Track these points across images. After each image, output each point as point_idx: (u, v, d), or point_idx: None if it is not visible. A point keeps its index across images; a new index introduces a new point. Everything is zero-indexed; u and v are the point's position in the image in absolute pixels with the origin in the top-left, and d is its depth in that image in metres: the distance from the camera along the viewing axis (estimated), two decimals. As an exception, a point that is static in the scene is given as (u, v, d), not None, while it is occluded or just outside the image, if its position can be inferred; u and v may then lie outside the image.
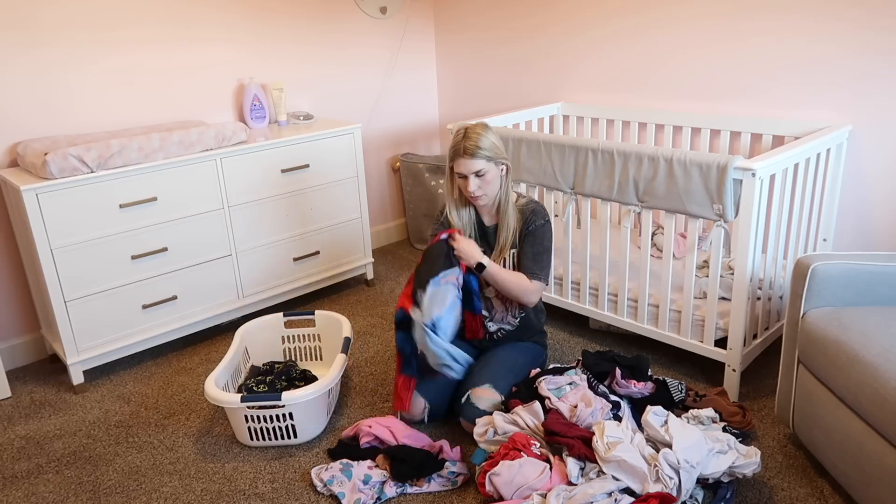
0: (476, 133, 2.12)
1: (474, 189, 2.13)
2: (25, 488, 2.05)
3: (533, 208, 2.22)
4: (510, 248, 2.24)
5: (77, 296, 2.46)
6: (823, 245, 2.59)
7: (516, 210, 2.23)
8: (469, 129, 2.14)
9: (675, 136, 2.92)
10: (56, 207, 2.35)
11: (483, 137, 2.12)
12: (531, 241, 2.20)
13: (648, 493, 1.69)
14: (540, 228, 2.20)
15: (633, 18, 2.95)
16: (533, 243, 2.20)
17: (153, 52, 2.86)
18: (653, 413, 1.91)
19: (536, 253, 2.20)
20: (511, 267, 2.24)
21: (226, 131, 2.70)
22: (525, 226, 2.21)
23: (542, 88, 3.41)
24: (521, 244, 2.22)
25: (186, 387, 2.55)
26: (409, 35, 3.76)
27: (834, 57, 2.42)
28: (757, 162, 2.04)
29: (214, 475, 2.07)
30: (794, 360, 1.94)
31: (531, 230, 2.20)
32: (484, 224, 2.29)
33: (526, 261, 2.20)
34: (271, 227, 2.93)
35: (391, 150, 3.86)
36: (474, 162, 2.10)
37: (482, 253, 2.17)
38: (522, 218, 2.22)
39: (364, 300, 3.22)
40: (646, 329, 2.49)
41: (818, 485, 1.90)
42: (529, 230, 2.20)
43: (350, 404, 2.39)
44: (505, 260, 2.24)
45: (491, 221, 2.28)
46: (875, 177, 2.45)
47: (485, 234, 2.29)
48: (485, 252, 2.22)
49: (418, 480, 1.96)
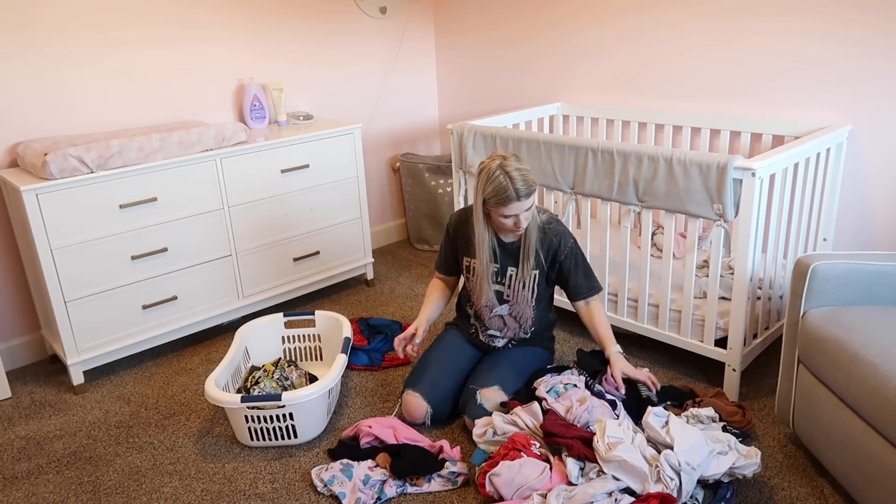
0: (521, 171, 2.01)
1: (525, 223, 2.09)
2: (26, 488, 2.05)
3: (558, 230, 2.20)
4: (532, 270, 2.20)
5: (77, 296, 2.46)
6: (823, 245, 2.59)
7: (541, 231, 2.19)
8: (508, 168, 2.00)
9: (675, 136, 2.92)
10: (56, 208, 2.35)
11: (528, 171, 2.02)
12: (573, 262, 2.21)
13: (649, 493, 1.69)
14: (573, 248, 2.21)
15: (634, 18, 2.95)
16: (577, 264, 2.21)
17: (153, 52, 2.86)
18: (653, 414, 1.91)
19: (584, 270, 2.23)
20: (532, 287, 2.23)
21: (226, 131, 2.70)
22: (557, 251, 2.19)
23: (542, 88, 3.41)
24: (560, 268, 2.21)
25: (186, 387, 2.55)
26: (409, 35, 3.76)
27: (834, 57, 2.42)
28: (757, 162, 2.04)
29: (215, 475, 2.07)
30: (794, 360, 1.94)
31: (568, 254, 2.20)
32: (502, 241, 2.22)
33: (580, 281, 2.22)
34: (271, 227, 2.93)
35: (391, 150, 3.86)
36: (530, 201, 2.05)
37: (612, 349, 2.18)
38: (550, 241, 2.19)
39: (364, 300, 3.22)
40: (646, 329, 2.49)
41: (818, 484, 1.90)
42: (566, 254, 2.20)
43: (350, 404, 2.39)
44: (526, 280, 2.22)
45: (511, 238, 2.23)
46: (875, 176, 2.45)
47: (503, 249, 2.23)
48: (507, 265, 2.21)
49: (418, 480, 1.96)
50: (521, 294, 2.24)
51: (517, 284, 2.23)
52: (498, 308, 2.28)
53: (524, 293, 2.24)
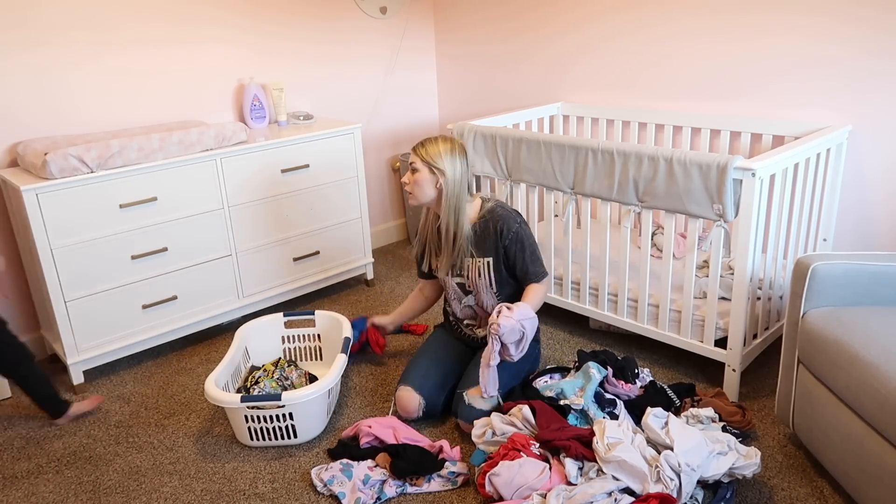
0: (434, 141, 2.21)
1: (405, 179, 2.25)
2: (25, 488, 2.05)
3: (500, 214, 2.23)
4: (483, 258, 2.25)
5: (77, 296, 2.46)
6: (823, 245, 2.59)
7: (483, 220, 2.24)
8: (436, 137, 2.24)
9: (675, 136, 2.92)
10: (56, 207, 2.35)
11: (434, 145, 2.20)
12: (519, 247, 2.22)
13: (649, 494, 1.69)
14: (518, 233, 2.22)
15: (634, 19, 2.95)
16: (522, 248, 2.22)
17: (153, 52, 2.86)
18: (653, 415, 1.91)
19: (530, 255, 2.23)
20: (488, 275, 2.26)
21: (226, 131, 2.70)
22: (500, 236, 2.22)
23: (542, 88, 3.41)
24: (506, 254, 2.23)
25: (186, 387, 2.55)
26: (409, 35, 3.76)
27: (834, 57, 2.42)
28: (757, 162, 2.04)
29: (214, 475, 2.07)
30: (794, 360, 1.94)
31: (511, 238, 2.21)
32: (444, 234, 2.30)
33: (524, 265, 2.23)
34: (271, 227, 2.93)
35: (391, 150, 3.86)
36: (413, 156, 2.23)
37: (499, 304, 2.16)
38: (493, 227, 2.22)
39: (364, 300, 3.22)
40: (646, 329, 2.49)
41: (818, 485, 1.90)
42: (510, 239, 2.21)
43: (350, 404, 2.39)
44: (480, 269, 2.26)
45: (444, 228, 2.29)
46: (875, 177, 2.45)
47: (451, 243, 2.29)
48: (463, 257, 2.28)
49: (418, 479, 1.96)
50: (479, 282, 2.28)
51: (472, 274, 2.28)
52: (465, 299, 2.34)
53: (481, 281, 2.27)
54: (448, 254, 2.30)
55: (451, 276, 2.34)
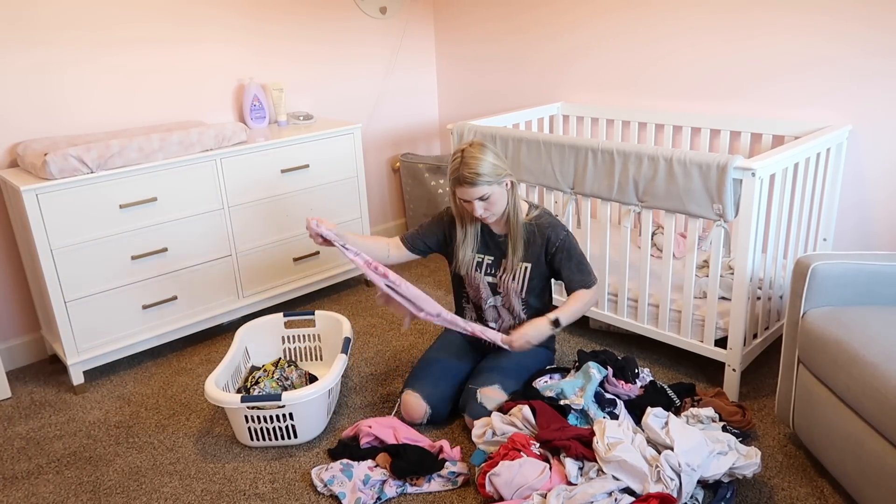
0: (474, 158, 2.04)
1: (480, 213, 2.11)
2: (25, 488, 2.05)
3: (549, 222, 2.21)
4: (522, 263, 2.23)
5: (77, 296, 2.46)
6: (823, 245, 2.59)
7: (531, 225, 2.21)
8: (466, 154, 2.05)
9: (675, 136, 2.92)
10: (56, 208, 2.35)
11: (482, 162, 2.03)
12: (566, 255, 2.20)
13: (649, 494, 1.69)
14: (565, 241, 2.20)
15: (634, 19, 2.95)
16: (569, 257, 2.20)
17: (153, 52, 2.86)
18: (653, 415, 1.91)
19: (577, 264, 2.21)
20: (524, 280, 2.24)
21: (226, 131, 2.70)
22: (548, 244, 2.20)
23: (542, 88, 3.41)
24: (552, 261, 2.22)
25: (186, 387, 2.55)
26: (409, 35, 3.76)
27: (834, 57, 2.42)
28: (757, 162, 2.04)
29: (215, 475, 2.07)
30: (794, 360, 1.94)
31: (559, 246, 2.19)
32: (493, 232, 2.27)
33: (573, 275, 2.21)
34: (271, 227, 2.93)
35: (391, 150, 3.86)
36: (476, 189, 2.05)
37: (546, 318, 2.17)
38: (540, 235, 2.20)
39: (364, 300, 3.22)
40: (646, 329, 2.49)
41: (818, 484, 1.90)
42: (557, 246, 2.19)
43: (350, 404, 2.39)
44: (516, 272, 2.24)
45: (500, 231, 2.26)
46: (875, 177, 2.45)
47: (495, 242, 2.27)
48: (499, 257, 2.24)
49: (418, 480, 1.96)
50: (511, 286, 2.25)
51: (507, 276, 2.25)
52: (492, 299, 2.31)
53: (513, 285, 2.25)
54: (492, 250, 2.25)
55: (483, 273, 2.29)
